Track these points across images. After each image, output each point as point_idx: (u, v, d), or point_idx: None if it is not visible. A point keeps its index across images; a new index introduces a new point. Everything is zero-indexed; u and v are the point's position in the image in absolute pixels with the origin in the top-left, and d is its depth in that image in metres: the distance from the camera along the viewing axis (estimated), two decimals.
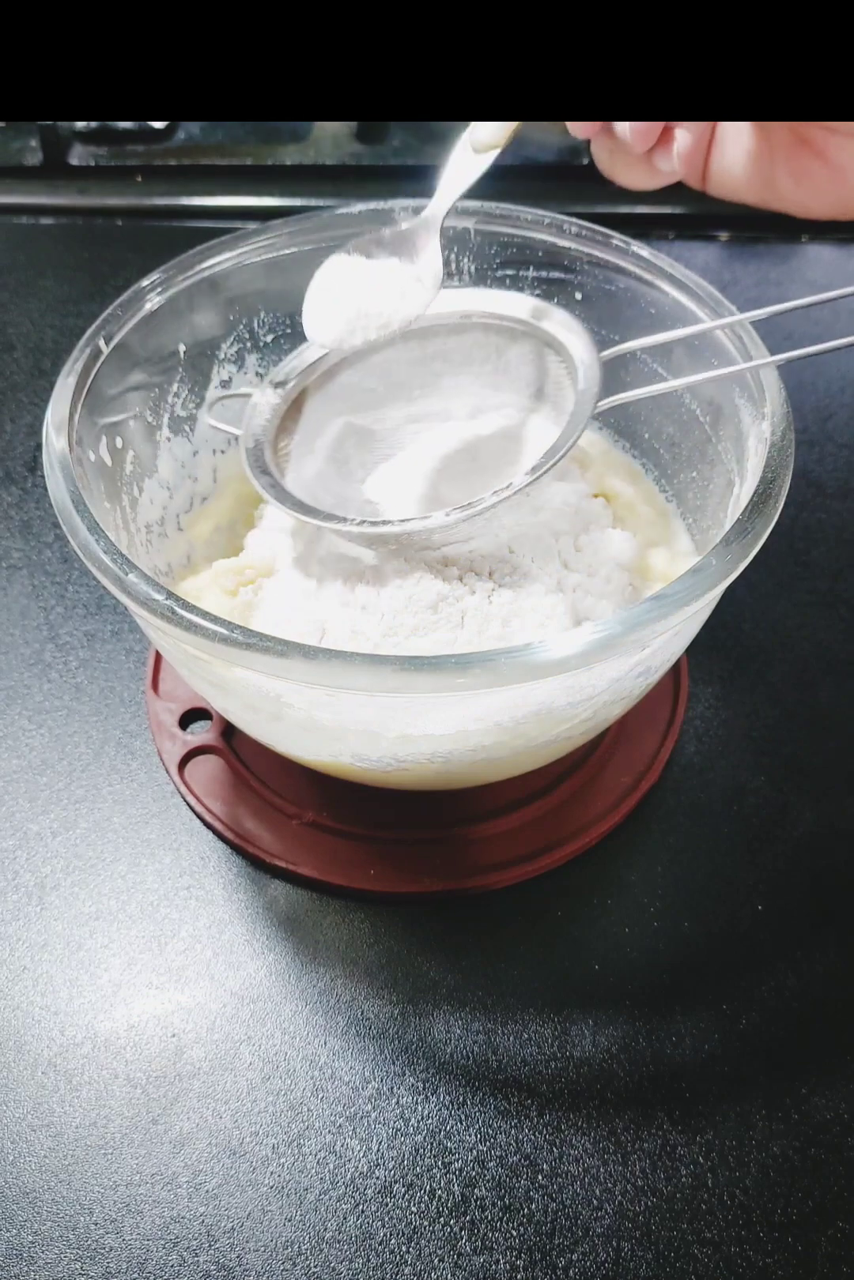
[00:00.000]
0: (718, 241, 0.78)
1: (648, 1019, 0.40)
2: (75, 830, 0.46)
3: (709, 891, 0.43)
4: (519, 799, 0.45)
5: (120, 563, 0.35)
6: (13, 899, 0.44)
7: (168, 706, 0.49)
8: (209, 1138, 0.37)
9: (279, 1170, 0.37)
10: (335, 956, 0.42)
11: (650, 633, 0.34)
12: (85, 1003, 0.41)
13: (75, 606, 0.54)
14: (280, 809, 0.45)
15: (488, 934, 0.42)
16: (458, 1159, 0.37)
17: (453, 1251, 0.35)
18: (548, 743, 0.41)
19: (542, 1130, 0.37)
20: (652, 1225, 0.35)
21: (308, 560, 0.43)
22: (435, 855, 0.44)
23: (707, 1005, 0.39)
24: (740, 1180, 0.36)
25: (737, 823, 0.46)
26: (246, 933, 0.42)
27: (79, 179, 0.82)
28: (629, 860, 0.44)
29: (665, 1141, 0.37)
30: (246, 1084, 0.39)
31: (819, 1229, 0.35)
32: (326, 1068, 0.39)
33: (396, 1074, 0.39)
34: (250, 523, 0.49)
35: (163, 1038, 0.40)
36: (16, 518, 0.59)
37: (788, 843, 0.45)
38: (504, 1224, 0.35)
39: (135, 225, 0.80)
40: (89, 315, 0.45)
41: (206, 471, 0.50)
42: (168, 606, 0.34)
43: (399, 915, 0.43)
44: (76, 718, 0.50)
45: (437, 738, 0.37)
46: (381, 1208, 0.36)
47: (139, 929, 0.43)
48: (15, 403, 0.66)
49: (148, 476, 0.47)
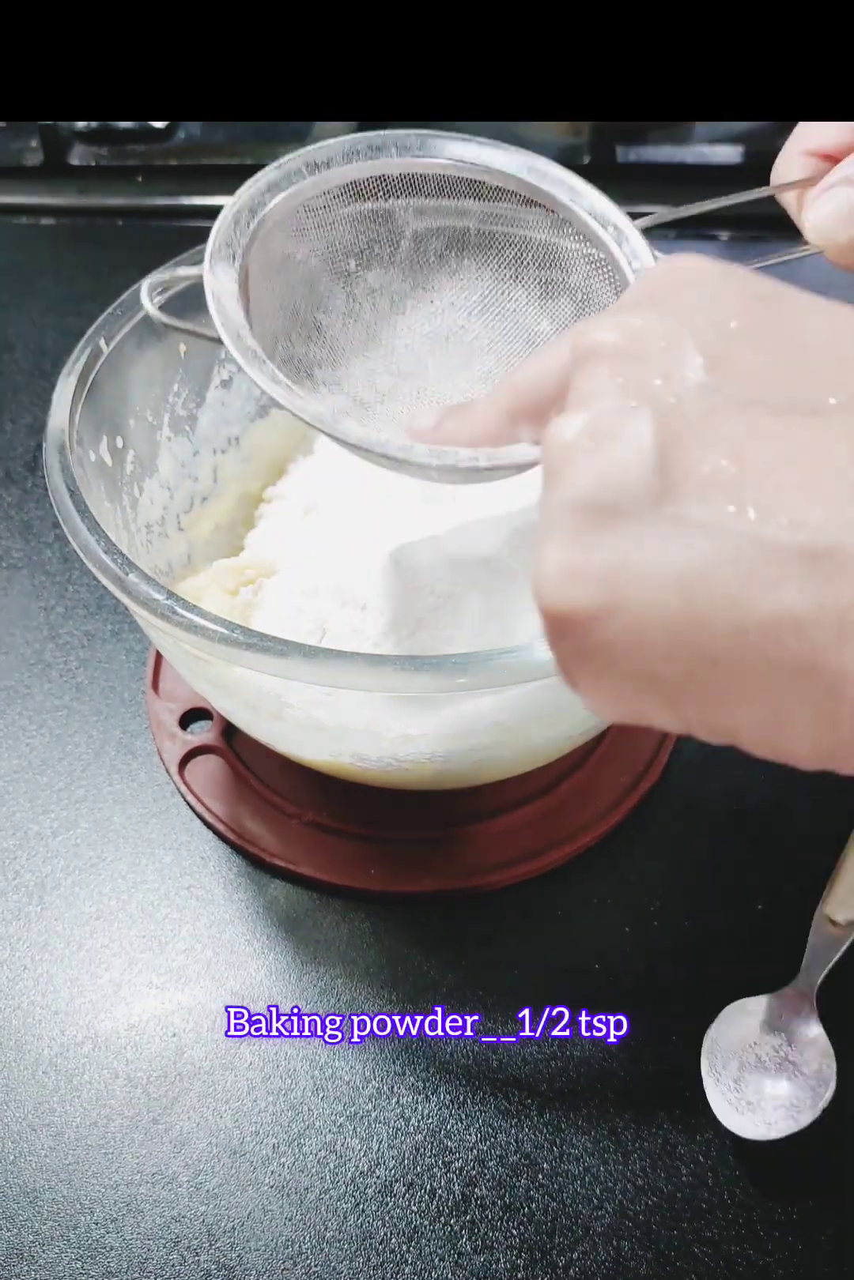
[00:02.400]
0: (718, 241, 0.78)
1: (648, 1019, 0.40)
2: (76, 830, 0.46)
3: (709, 891, 0.43)
4: (519, 799, 0.45)
5: (120, 563, 0.35)
6: (13, 899, 0.44)
7: (168, 706, 0.49)
8: (209, 1137, 0.37)
9: (279, 1169, 0.37)
10: (335, 956, 0.42)
11: None
12: (86, 1002, 0.41)
13: (75, 606, 0.54)
14: (280, 809, 0.45)
15: (488, 934, 0.42)
16: (458, 1158, 0.37)
17: (453, 1250, 0.35)
18: (548, 743, 0.41)
19: (542, 1130, 0.37)
20: (652, 1224, 0.35)
21: (308, 560, 0.43)
22: (435, 855, 0.44)
23: (707, 1005, 0.39)
24: (740, 1179, 0.36)
25: (736, 822, 0.46)
26: (247, 933, 0.42)
27: (79, 179, 0.82)
28: (629, 860, 0.44)
29: (666, 1141, 0.37)
30: (247, 1084, 0.39)
31: (819, 1228, 0.35)
32: (327, 1067, 0.39)
33: (397, 1073, 0.39)
34: (250, 523, 0.49)
35: (163, 1037, 0.40)
36: (16, 518, 0.59)
37: (788, 842, 0.45)
38: (504, 1223, 0.35)
39: (135, 225, 0.80)
40: (89, 315, 0.45)
41: (207, 471, 0.50)
42: (168, 606, 0.34)
43: (399, 915, 0.43)
44: (77, 717, 0.50)
45: (436, 738, 0.37)
46: (382, 1207, 0.36)
47: (139, 929, 0.43)
48: (15, 403, 0.66)
49: (148, 476, 0.47)
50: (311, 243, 0.40)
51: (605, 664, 0.21)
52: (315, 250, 0.41)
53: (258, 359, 0.35)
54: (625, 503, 0.20)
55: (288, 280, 0.40)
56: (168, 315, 0.39)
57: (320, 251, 0.41)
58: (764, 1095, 0.36)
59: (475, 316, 0.42)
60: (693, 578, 0.19)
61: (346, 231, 0.41)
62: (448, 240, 0.42)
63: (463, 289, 0.42)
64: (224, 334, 0.35)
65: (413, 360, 0.41)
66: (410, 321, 0.42)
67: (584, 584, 0.20)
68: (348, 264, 0.41)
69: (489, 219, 0.42)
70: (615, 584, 0.20)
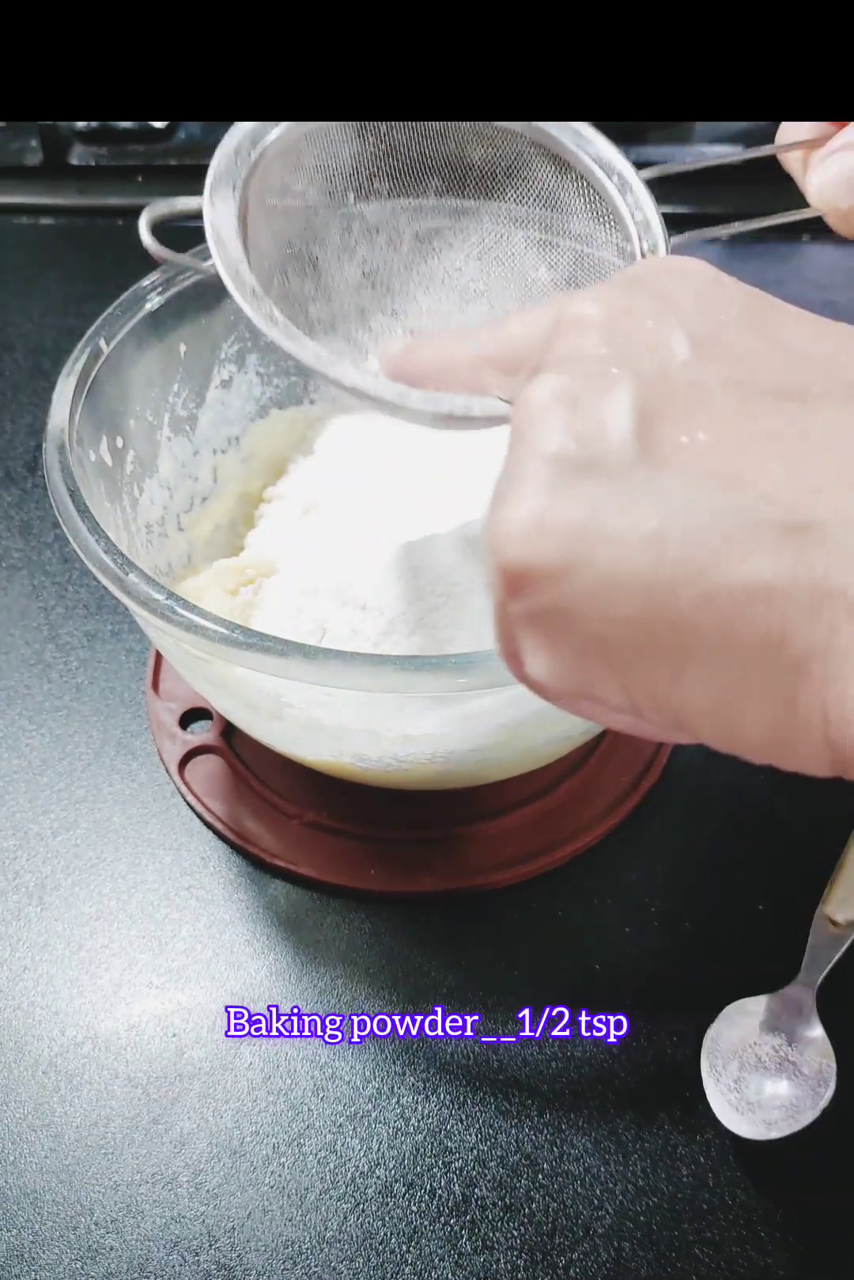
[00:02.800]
0: (718, 241, 0.78)
1: (648, 1019, 0.40)
2: (76, 830, 0.46)
3: (709, 892, 0.43)
4: (519, 799, 0.45)
5: (120, 562, 0.35)
6: (13, 899, 0.44)
7: (168, 706, 0.49)
8: (209, 1138, 0.37)
9: (280, 1170, 0.37)
10: (335, 956, 0.42)
11: None
12: (86, 1003, 0.41)
13: (75, 606, 0.54)
14: (280, 809, 0.45)
15: (488, 934, 0.42)
16: (458, 1158, 0.37)
17: (453, 1251, 0.35)
18: (548, 743, 0.41)
19: (542, 1130, 0.37)
20: (653, 1225, 0.35)
21: (308, 560, 0.43)
22: (435, 855, 0.44)
23: (707, 1005, 0.39)
24: (741, 1180, 0.36)
25: (736, 822, 0.46)
26: (247, 933, 0.42)
27: (79, 179, 0.82)
28: (629, 860, 0.44)
29: (666, 1141, 0.37)
30: (247, 1084, 0.39)
31: (820, 1228, 0.35)
32: (327, 1067, 0.39)
33: (397, 1074, 0.39)
34: (250, 522, 0.49)
35: (163, 1038, 0.40)
36: (16, 518, 0.59)
37: (788, 842, 0.45)
38: (505, 1223, 0.35)
39: (135, 225, 0.79)
40: (89, 315, 0.45)
41: (207, 471, 0.50)
42: (168, 606, 0.34)
43: (399, 915, 0.43)
44: (77, 718, 0.50)
45: (437, 738, 0.37)
46: (382, 1207, 0.36)
47: (139, 929, 0.43)
48: (15, 403, 0.66)
49: (148, 476, 0.47)
50: (311, 175, 0.39)
51: (558, 627, 0.20)
52: (314, 182, 0.40)
53: (256, 296, 0.34)
54: (600, 460, 0.20)
55: (286, 213, 0.39)
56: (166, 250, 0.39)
57: (319, 184, 0.40)
58: (764, 1095, 0.36)
59: (472, 260, 0.41)
60: (664, 541, 0.19)
61: (347, 165, 0.40)
62: (448, 180, 0.41)
63: (461, 231, 0.41)
64: (222, 269, 0.34)
65: (407, 300, 0.41)
66: (406, 260, 0.41)
67: (548, 537, 0.20)
68: (346, 198, 0.40)
69: (491, 160, 0.40)
70: (582, 540, 0.19)
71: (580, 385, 0.21)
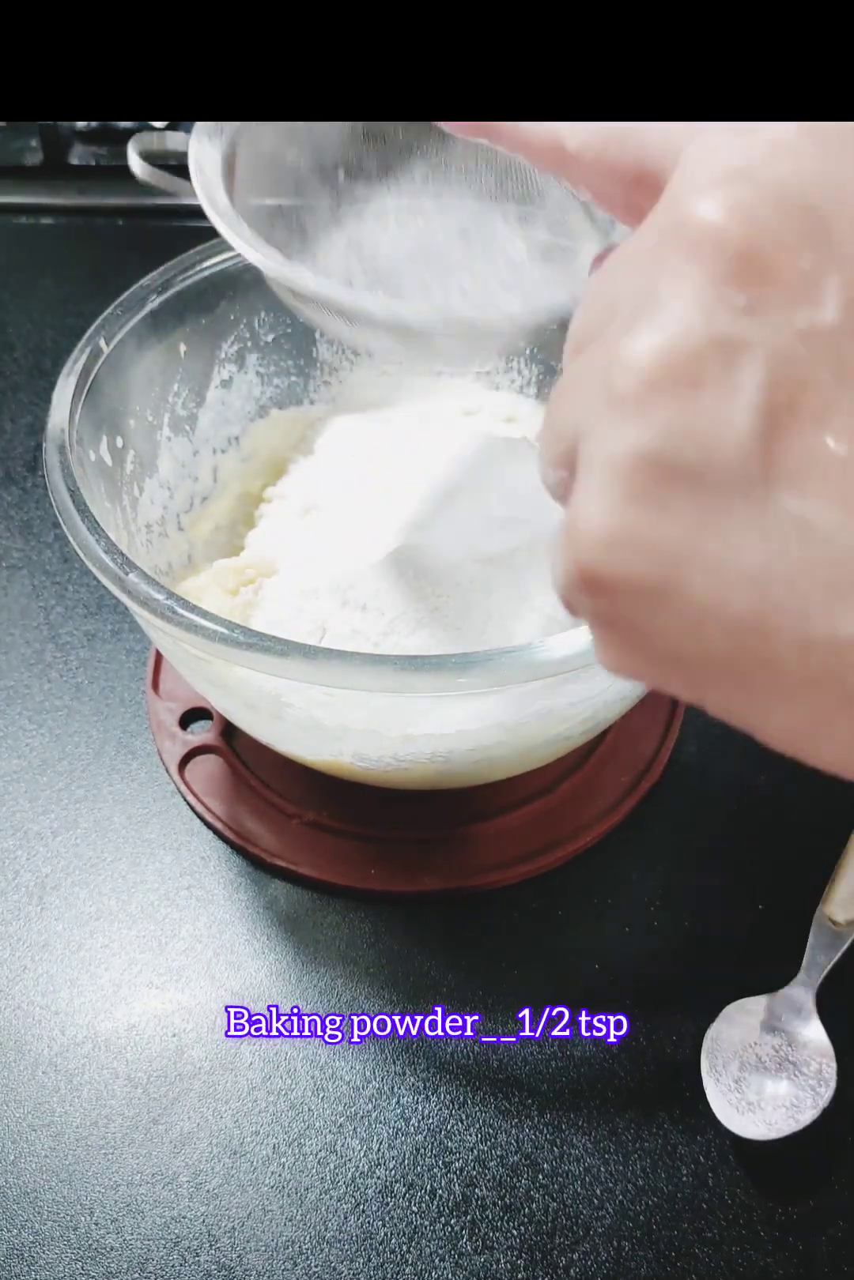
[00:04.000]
0: None
1: (648, 1019, 0.40)
2: (76, 830, 0.46)
3: (710, 891, 0.43)
4: (519, 799, 0.45)
5: (120, 562, 0.35)
6: (13, 899, 0.44)
7: (168, 706, 0.49)
8: (210, 1137, 0.37)
9: (280, 1170, 0.37)
10: (335, 956, 0.42)
11: None
12: (86, 1002, 0.41)
13: (75, 606, 0.54)
14: (280, 809, 0.45)
15: (488, 934, 0.42)
16: (458, 1158, 0.37)
17: (454, 1251, 0.35)
18: (548, 743, 0.41)
19: (542, 1130, 0.37)
20: (652, 1225, 0.35)
21: (308, 560, 0.43)
22: (435, 855, 0.44)
23: (707, 1005, 0.39)
24: (741, 1179, 0.36)
25: (737, 822, 0.46)
26: (247, 933, 0.42)
27: (79, 179, 0.82)
28: (629, 860, 0.44)
29: (666, 1141, 0.37)
30: (247, 1084, 0.39)
31: (820, 1229, 0.35)
32: (327, 1067, 0.39)
33: (397, 1074, 0.39)
34: (250, 522, 0.49)
35: (163, 1037, 0.40)
36: (16, 518, 0.59)
37: (788, 842, 0.45)
38: (505, 1223, 0.35)
39: (135, 225, 0.79)
40: (89, 315, 0.45)
41: (207, 471, 0.50)
42: (168, 606, 0.34)
43: (399, 915, 0.43)
44: (77, 718, 0.50)
45: (437, 738, 0.37)
46: (382, 1207, 0.36)
47: (139, 929, 0.43)
48: (15, 403, 0.66)
49: (148, 476, 0.47)
50: (301, 145, 0.39)
51: (639, 640, 0.18)
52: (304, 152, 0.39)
53: (235, 221, 0.34)
54: (712, 472, 0.16)
55: (275, 178, 0.39)
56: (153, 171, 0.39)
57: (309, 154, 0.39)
58: (764, 1095, 0.36)
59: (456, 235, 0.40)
60: (770, 580, 0.16)
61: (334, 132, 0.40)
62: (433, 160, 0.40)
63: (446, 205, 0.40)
64: (201, 193, 0.34)
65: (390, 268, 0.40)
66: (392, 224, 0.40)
67: (638, 554, 0.17)
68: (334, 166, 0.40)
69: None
70: (674, 565, 0.17)
71: (706, 356, 0.16)
